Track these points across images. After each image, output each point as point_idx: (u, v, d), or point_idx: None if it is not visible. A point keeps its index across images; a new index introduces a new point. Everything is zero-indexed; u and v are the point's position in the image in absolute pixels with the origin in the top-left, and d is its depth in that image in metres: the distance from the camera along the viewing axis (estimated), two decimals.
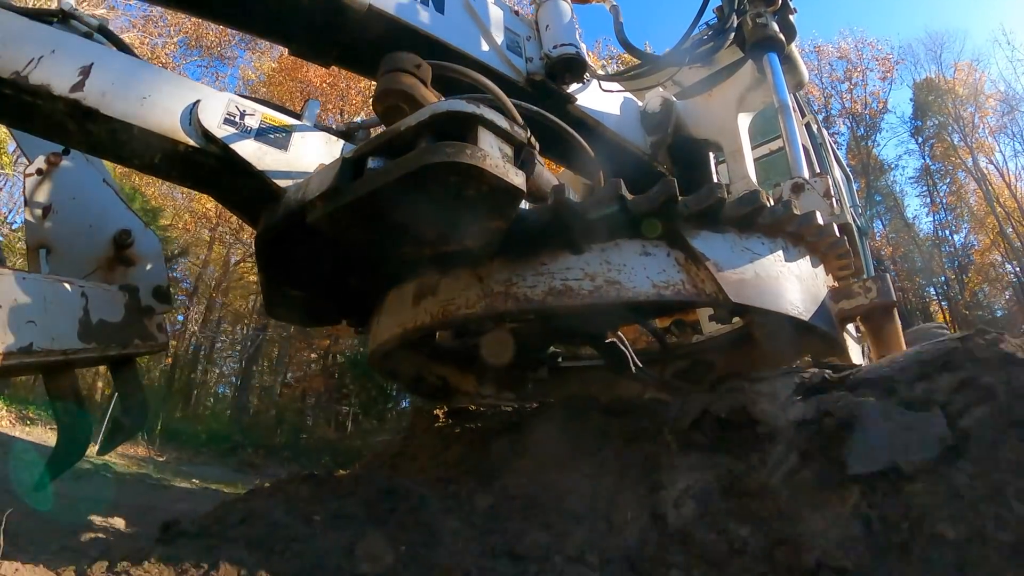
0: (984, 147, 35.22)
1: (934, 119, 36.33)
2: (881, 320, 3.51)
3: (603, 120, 5.23)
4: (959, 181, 36.77)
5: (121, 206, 4.26)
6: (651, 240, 2.94)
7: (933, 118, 36.29)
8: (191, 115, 3.10)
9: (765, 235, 3.14)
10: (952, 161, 36.16)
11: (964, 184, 36.48)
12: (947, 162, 36.92)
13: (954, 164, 36.09)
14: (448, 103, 2.61)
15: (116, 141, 3.14)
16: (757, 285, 2.98)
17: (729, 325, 3.99)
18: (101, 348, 3.52)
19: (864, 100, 36.29)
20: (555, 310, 2.85)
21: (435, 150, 2.42)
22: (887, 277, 3.51)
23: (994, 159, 35.27)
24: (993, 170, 34.95)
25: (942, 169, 37.63)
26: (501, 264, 2.93)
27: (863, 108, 36.31)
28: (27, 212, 3.93)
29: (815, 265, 3.42)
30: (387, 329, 3.23)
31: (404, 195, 2.55)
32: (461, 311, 2.92)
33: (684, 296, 2.89)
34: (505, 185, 2.52)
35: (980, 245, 35.78)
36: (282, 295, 3.45)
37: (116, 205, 4.22)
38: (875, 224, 35.90)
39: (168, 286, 4.16)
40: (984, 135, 35.47)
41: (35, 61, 3.05)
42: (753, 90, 5.33)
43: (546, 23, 4.92)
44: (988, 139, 35.38)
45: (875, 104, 36.47)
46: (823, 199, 4.05)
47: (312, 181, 2.84)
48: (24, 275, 3.32)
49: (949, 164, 36.80)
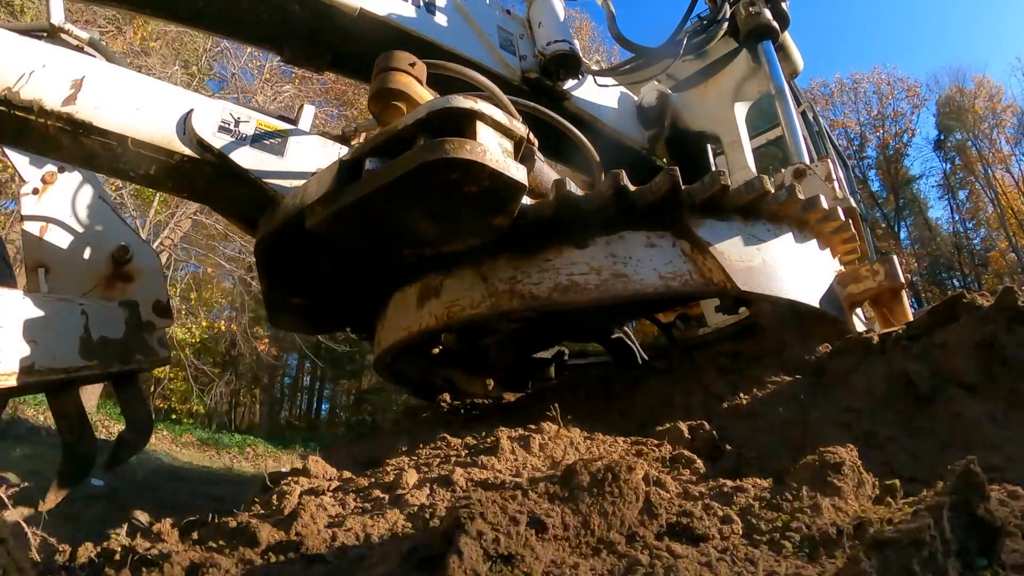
0: (1001, 157, 36.47)
1: (955, 134, 37.65)
2: (890, 303, 3.47)
3: (599, 115, 5.21)
4: (977, 191, 38.03)
5: (118, 222, 4.22)
6: (656, 231, 2.90)
7: (955, 133, 37.61)
8: (185, 124, 3.07)
9: (770, 221, 3.10)
10: (972, 170, 37.44)
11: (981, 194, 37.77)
12: (967, 172, 38.17)
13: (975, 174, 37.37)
14: (445, 99, 2.56)
15: (111, 154, 3.11)
16: (765, 272, 2.94)
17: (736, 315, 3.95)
18: (103, 365, 3.49)
19: (897, 132, 38.63)
20: (562, 306, 2.79)
21: (434, 147, 2.38)
22: (894, 259, 3.46)
23: (1011, 169, 36.64)
24: (1010, 179, 36.28)
25: (962, 179, 38.89)
26: (505, 262, 2.87)
27: (894, 139, 38.54)
28: (24, 231, 3.90)
29: (821, 250, 3.38)
30: (392, 334, 3.18)
31: (404, 194, 2.51)
32: (466, 312, 2.86)
33: (692, 286, 2.83)
34: (506, 180, 2.48)
35: (997, 248, 36.89)
36: (285, 303, 3.41)
37: (113, 221, 4.18)
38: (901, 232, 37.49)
39: (168, 300, 4.12)
40: (1002, 144, 36.82)
41: (26, 76, 3.02)
42: (749, 79, 5.31)
43: (538, 20, 4.90)
44: (1005, 147, 36.66)
45: (906, 136, 38.70)
46: (825, 184, 4.02)
47: (310, 185, 2.80)
48: (24, 294, 3.30)
49: (968, 174, 38.10)
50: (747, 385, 2.79)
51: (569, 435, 2.44)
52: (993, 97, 36.96)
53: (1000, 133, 36.67)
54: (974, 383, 2.33)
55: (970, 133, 36.65)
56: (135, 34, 16.08)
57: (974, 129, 36.33)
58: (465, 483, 2.02)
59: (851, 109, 38.54)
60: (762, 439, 2.37)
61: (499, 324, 3.50)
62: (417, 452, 2.56)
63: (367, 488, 2.16)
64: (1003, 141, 36.67)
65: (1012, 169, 36.42)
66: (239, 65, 18.56)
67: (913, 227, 39.63)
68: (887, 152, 38.27)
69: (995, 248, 36.81)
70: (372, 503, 1.99)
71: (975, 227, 38.75)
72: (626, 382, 3.25)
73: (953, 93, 37.53)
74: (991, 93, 37.04)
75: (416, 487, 2.03)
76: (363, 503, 2.01)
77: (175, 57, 17.02)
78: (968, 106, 36.52)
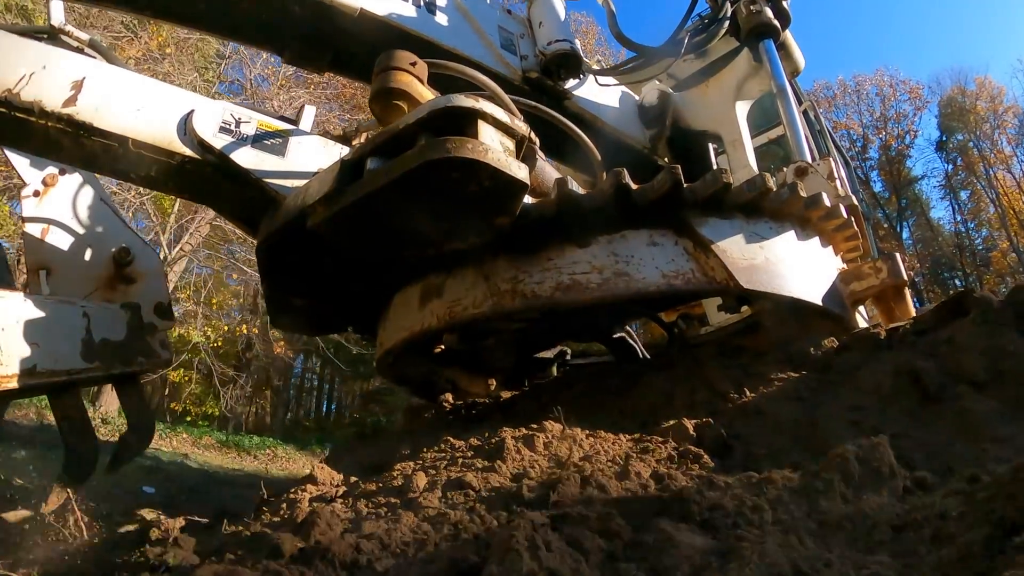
0: (1003, 158, 36.60)
1: (957, 135, 37.84)
2: (893, 300, 3.45)
3: (601, 115, 5.20)
4: (979, 192, 38.18)
5: (119, 224, 4.22)
6: (658, 230, 2.89)
7: (956, 133, 37.78)
8: (186, 125, 3.07)
9: (772, 219, 3.09)
10: (973, 171, 37.64)
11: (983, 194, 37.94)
12: (969, 172, 38.34)
13: (976, 175, 37.57)
14: (446, 99, 2.55)
15: (112, 155, 3.10)
16: (768, 270, 2.92)
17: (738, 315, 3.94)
18: (105, 367, 3.49)
19: (899, 134, 38.62)
20: (564, 305, 2.78)
21: (436, 146, 2.36)
22: (896, 257, 3.44)
23: (1012, 169, 36.72)
24: (1011, 180, 36.37)
25: (964, 179, 39.11)
26: (507, 261, 2.86)
27: (896, 141, 38.51)
28: (26, 233, 3.90)
29: (824, 247, 3.37)
30: (394, 334, 3.16)
31: (406, 193, 2.50)
32: (468, 311, 2.84)
33: (694, 285, 2.82)
34: (508, 178, 2.47)
35: (998, 248, 37.04)
36: (286, 303, 3.40)
37: (114, 223, 4.18)
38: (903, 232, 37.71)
39: (169, 302, 4.12)
40: (1003, 145, 36.96)
41: (26, 78, 3.01)
42: (750, 78, 5.29)
43: (539, 20, 4.89)
44: (1006, 148, 36.78)
45: (908, 138, 38.76)
46: (827, 182, 4.00)
47: (311, 186, 2.79)
48: (26, 296, 3.29)
49: (970, 175, 38.31)
50: (752, 382, 2.78)
51: (572, 433, 2.43)
52: (995, 98, 37.16)
53: (1001, 134, 36.91)
54: (983, 380, 2.32)
55: (972, 134, 36.84)
56: (151, 39, 15.98)
57: (976, 130, 36.53)
58: (479, 485, 2.00)
59: (854, 111, 38.81)
60: (769, 436, 2.36)
61: (501, 324, 3.48)
62: (422, 456, 2.55)
63: (376, 493, 2.16)
64: (1004, 142, 36.91)
65: (1013, 170, 36.63)
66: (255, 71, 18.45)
67: (915, 227, 39.90)
68: (889, 153, 38.43)
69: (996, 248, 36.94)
70: (386, 508, 1.98)
71: (977, 227, 38.95)
72: (623, 378, 3.24)
73: (955, 94, 37.72)
74: (992, 94, 37.26)
75: (427, 490, 2.02)
76: (375, 508, 2.00)
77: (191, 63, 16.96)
78: (970, 107, 36.71)
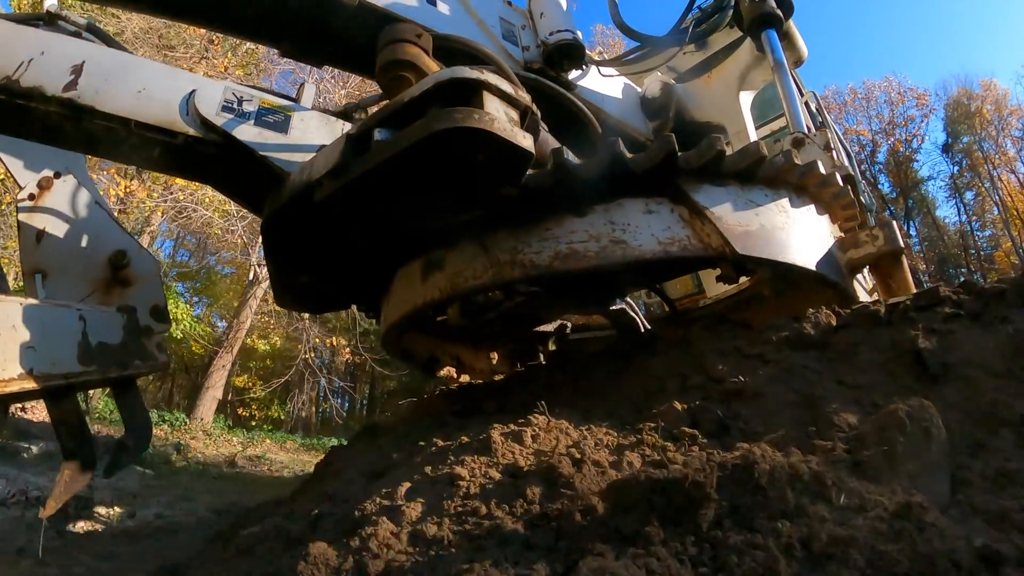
0: (1007, 159, 37.23)
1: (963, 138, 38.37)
2: (890, 268, 3.41)
3: (604, 106, 5.16)
4: (984, 192, 38.75)
5: (115, 227, 4.14)
6: (653, 198, 2.88)
7: (962, 136, 38.34)
8: (188, 104, 3.04)
9: (767, 186, 3.08)
10: (978, 172, 38.27)
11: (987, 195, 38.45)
12: (974, 174, 38.92)
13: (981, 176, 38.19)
14: (452, 70, 2.54)
15: (114, 137, 3.07)
16: (763, 236, 2.91)
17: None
18: (102, 370, 3.44)
19: (907, 138, 39.63)
20: (562, 274, 2.78)
21: (444, 116, 2.35)
22: (893, 224, 3.41)
23: (1016, 171, 37.27)
24: (1014, 180, 36.95)
25: (969, 180, 39.64)
26: (506, 233, 2.87)
27: (904, 146, 39.53)
28: (21, 237, 3.84)
29: (820, 215, 3.35)
30: (398, 308, 3.14)
31: (413, 165, 2.47)
32: (470, 282, 2.85)
33: (691, 251, 2.81)
34: (514, 148, 2.45)
35: (1002, 248, 37.49)
36: (291, 282, 3.35)
37: (110, 226, 4.10)
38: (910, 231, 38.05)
39: (166, 305, 4.05)
40: (1008, 147, 37.51)
41: (25, 64, 2.99)
42: (753, 68, 5.28)
43: (540, 11, 4.86)
44: (1011, 150, 37.29)
45: (915, 142, 39.71)
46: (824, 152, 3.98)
47: (317, 160, 2.76)
48: (22, 301, 3.24)
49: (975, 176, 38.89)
50: (749, 363, 2.71)
51: (559, 425, 2.40)
52: (999, 101, 37.70)
53: (1006, 136, 37.46)
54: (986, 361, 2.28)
55: (977, 136, 37.35)
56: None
57: (981, 132, 37.04)
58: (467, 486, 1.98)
59: (864, 116, 39.86)
60: (766, 417, 2.30)
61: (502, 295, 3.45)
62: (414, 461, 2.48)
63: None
64: (1009, 144, 37.42)
65: (1017, 171, 37.16)
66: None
67: (922, 227, 40.51)
68: (897, 156, 39.16)
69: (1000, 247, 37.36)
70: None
71: (981, 227, 39.60)
72: (617, 360, 3.18)
73: (961, 97, 38.25)
74: (998, 97, 37.82)
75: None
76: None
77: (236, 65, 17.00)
78: (975, 110, 37.16)
